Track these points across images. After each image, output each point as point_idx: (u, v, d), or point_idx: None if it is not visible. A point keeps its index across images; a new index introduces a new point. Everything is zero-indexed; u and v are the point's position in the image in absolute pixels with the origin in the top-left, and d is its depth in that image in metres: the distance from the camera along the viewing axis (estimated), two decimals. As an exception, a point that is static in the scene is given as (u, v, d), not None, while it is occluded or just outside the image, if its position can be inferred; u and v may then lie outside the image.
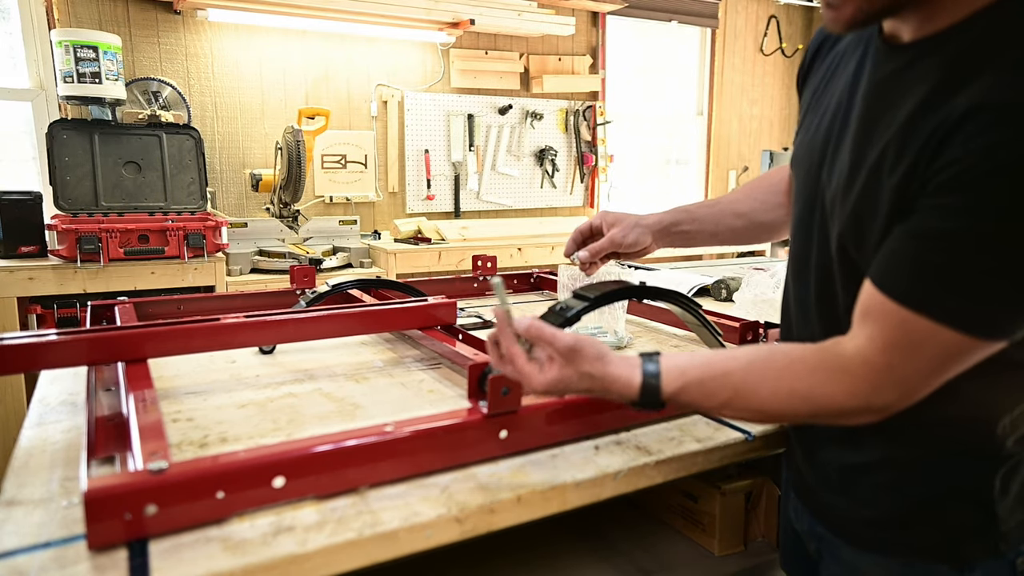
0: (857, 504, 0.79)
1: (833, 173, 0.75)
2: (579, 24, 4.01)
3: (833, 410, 0.69)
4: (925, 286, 0.62)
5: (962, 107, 0.59)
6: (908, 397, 0.66)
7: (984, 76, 0.59)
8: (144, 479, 0.64)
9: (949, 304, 0.60)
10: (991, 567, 0.73)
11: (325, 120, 3.20)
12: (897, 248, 0.64)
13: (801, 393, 0.69)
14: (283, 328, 1.13)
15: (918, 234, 0.62)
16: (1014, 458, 0.72)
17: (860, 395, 0.67)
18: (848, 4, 0.63)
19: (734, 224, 1.06)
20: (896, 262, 0.64)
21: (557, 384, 0.73)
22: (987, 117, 0.57)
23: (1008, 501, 0.72)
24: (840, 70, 0.80)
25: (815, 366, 0.70)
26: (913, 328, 0.62)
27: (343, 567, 0.67)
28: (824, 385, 0.68)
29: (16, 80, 2.89)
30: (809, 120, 0.84)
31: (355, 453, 0.75)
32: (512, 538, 1.00)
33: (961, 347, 0.62)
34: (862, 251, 0.70)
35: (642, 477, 0.87)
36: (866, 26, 0.67)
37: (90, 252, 2.45)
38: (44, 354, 0.96)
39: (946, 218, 0.59)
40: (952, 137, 0.59)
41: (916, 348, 0.63)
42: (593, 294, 0.97)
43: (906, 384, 0.65)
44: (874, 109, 0.70)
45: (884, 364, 0.65)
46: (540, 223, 3.84)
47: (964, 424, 0.71)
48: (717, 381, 0.73)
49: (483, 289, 1.83)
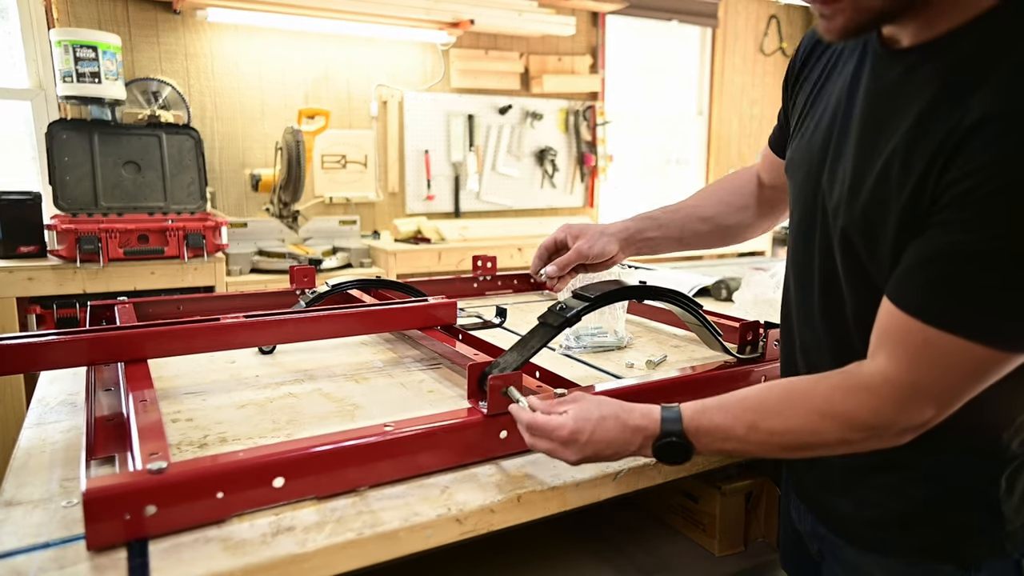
0: (859, 505, 0.79)
1: (835, 179, 0.75)
2: (579, 24, 4.01)
3: (859, 427, 0.67)
4: (947, 303, 0.61)
5: (970, 118, 0.58)
6: (944, 410, 0.65)
7: (988, 83, 0.58)
8: (144, 479, 0.64)
9: (974, 320, 0.60)
10: (996, 567, 0.73)
11: (325, 120, 3.20)
12: (914, 265, 0.63)
13: (823, 409, 0.68)
14: (283, 328, 1.13)
15: (936, 250, 0.61)
16: (1020, 458, 0.72)
17: (885, 414, 0.66)
18: (840, 15, 0.63)
19: (699, 228, 1.05)
20: (915, 280, 0.63)
21: (582, 457, 0.75)
22: (996, 127, 0.56)
23: (1014, 501, 0.72)
24: (836, 73, 0.80)
25: (836, 384, 0.69)
26: (939, 345, 0.62)
27: (343, 567, 0.67)
28: (845, 401, 0.68)
29: (15, 80, 2.89)
30: (806, 124, 0.84)
31: (355, 453, 0.74)
32: (512, 538, 1.00)
33: (991, 361, 0.61)
34: (874, 259, 0.70)
35: (642, 477, 0.87)
36: (859, 36, 0.67)
37: (90, 252, 2.45)
38: (44, 354, 0.96)
39: (963, 232, 0.59)
40: (961, 150, 0.58)
41: (944, 365, 0.62)
42: (593, 294, 0.97)
43: (939, 399, 0.64)
44: (876, 115, 0.70)
45: (909, 382, 0.64)
46: (540, 223, 3.84)
47: (971, 427, 0.71)
48: (738, 405, 0.73)
49: (483, 289, 1.83)
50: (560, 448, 0.74)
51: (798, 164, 0.83)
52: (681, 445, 0.72)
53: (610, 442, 0.73)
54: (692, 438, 0.72)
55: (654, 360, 1.24)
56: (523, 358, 0.91)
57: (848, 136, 0.73)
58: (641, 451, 0.74)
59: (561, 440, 0.74)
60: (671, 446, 0.73)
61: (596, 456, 0.74)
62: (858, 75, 0.74)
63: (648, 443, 0.73)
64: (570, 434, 0.73)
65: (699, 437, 0.72)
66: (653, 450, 0.74)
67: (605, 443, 0.73)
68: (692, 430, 0.72)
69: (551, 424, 0.75)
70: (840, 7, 0.62)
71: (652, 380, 0.99)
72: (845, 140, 0.74)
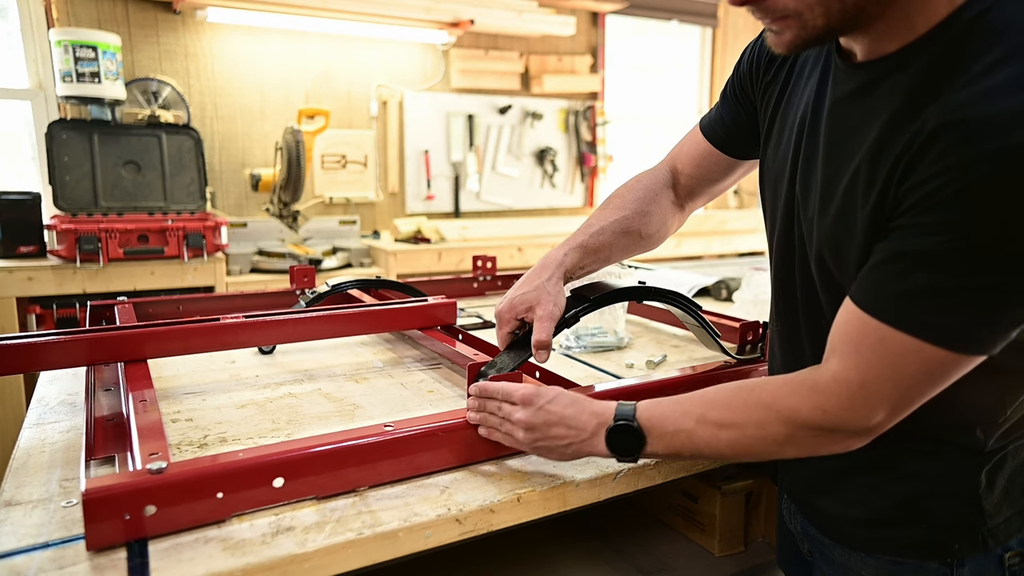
0: (846, 505, 0.80)
1: (809, 193, 0.76)
2: (579, 24, 4.01)
3: (803, 424, 0.68)
4: (902, 303, 0.62)
5: (929, 125, 0.59)
6: (897, 413, 0.66)
7: (946, 93, 0.59)
8: (143, 479, 0.64)
9: (929, 320, 0.61)
10: (980, 562, 0.74)
11: (325, 120, 3.19)
12: (874, 264, 0.64)
13: (767, 403, 0.69)
14: (283, 328, 1.13)
15: (895, 251, 0.62)
16: (998, 453, 0.73)
17: (830, 412, 0.66)
18: (787, 30, 0.64)
19: (626, 244, 1.03)
20: (874, 282, 0.64)
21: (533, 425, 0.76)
22: (954, 134, 0.57)
23: (994, 497, 0.73)
24: (800, 84, 0.81)
25: (786, 381, 0.71)
26: (892, 345, 0.62)
27: (343, 567, 0.67)
28: (790, 396, 0.69)
29: (15, 80, 2.89)
30: (775, 135, 0.85)
31: (355, 453, 0.74)
32: (512, 538, 1.00)
33: (944, 363, 0.62)
34: (843, 272, 0.71)
35: (642, 477, 0.87)
36: (807, 49, 0.68)
37: (89, 252, 2.45)
38: (44, 354, 0.96)
39: (921, 235, 0.60)
40: (922, 156, 0.59)
41: (896, 366, 0.63)
42: (592, 295, 0.97)
43: (890, 401, 0.65)
44: (841, 128, 0.71)
45: (858, 382, 0.65)
46: (540, 223, 3.83)
47: (946, 424, 0.72)
48: (691, 398, 0.75)
49: (483, 289, 1.83)
50: (513, 410, 0.77)
51: (775, 176, 0.84)
52: (633, 431, 0.74)
53: (564, 417, 0.76)
54: (644, 426, 0.74)
55: (654, 360, 1.24)
56: (521, 359, 0.91)
57: (816, 150, 0.75)
58: (594, 439, 0.76)
59: (520, 398, 0.77)
60: (623, 430, 0.74)
61: (546, 428, 0.76)
62: (822, 89, 0.75)
63: (601, 430, 0.75)
64: (528, 394, 0.76)
65: (652, 427, 0.74)
66: (606, 437, 0.75)
67: (559, 416, 0.76)
68: (645, 419, 0.75)
69: (508, 387, 0.78)
70: (788, 24, 0.64)
71: (652, 380, 0.99)
72: (814, 154, 0.75)
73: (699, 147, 1.02)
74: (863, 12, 0.62)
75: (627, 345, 1.36)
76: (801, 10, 0.62)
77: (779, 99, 0.85)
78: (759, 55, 0.89)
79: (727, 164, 1.00)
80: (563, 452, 0.78)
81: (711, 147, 1.00)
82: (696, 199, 1.07)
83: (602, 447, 0.76)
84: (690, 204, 1.08)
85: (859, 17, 0.63)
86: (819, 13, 0.61)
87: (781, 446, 0.70)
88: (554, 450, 0.78)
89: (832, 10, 0.61)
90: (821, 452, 0.70)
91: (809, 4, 0.61)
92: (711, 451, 0.73)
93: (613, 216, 1.02)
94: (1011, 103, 0.55)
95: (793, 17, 0.63)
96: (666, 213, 1.05)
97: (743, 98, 0.94)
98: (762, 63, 0.89)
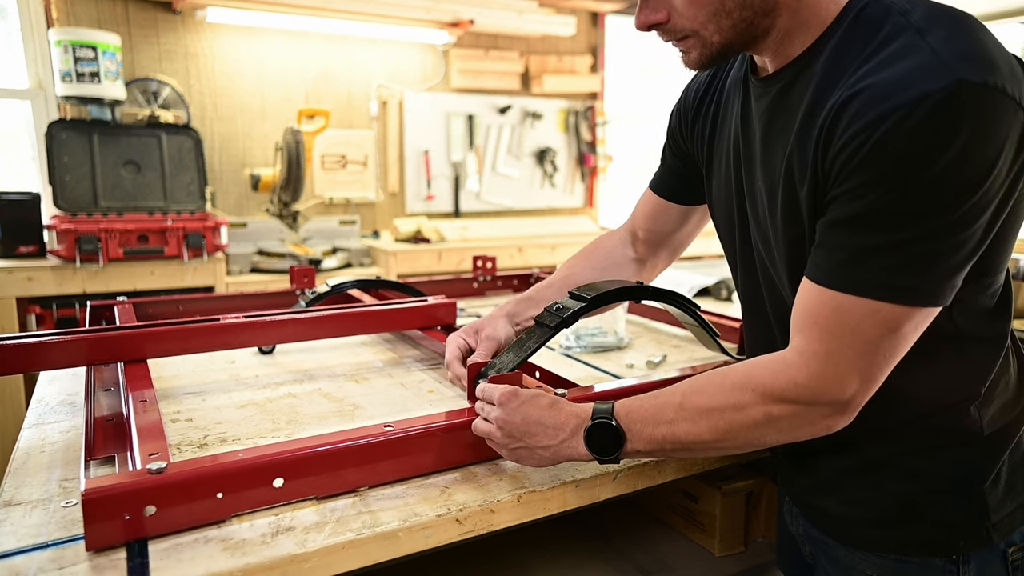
0: (849, 505, 0.80)
1: (755, 200, 0.79)
2: (579, 24, 4.01)
3: (778, 397, 0.68)
4: (851, 270, 0.64)
5: (838, 101, 0.64)
6: (869, 383, 0.66)
7: (848, 73, 0.65)
8: (143, 479, 0.64)
9: (879, 280, 0.63)
10: (984, 558, 0.74)
11: (325, 120, 3.19)
12: (820, 242, 0.67)
13: (741, 383, 0.70)
14: (283, 328, 1.13)
15: (833, 223, 0.65)
16: (998, 448, 0.74)
17: (803, 384, 0.67)
18: (692, 49, 0.73)
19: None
20: (821, 255, 0.67)
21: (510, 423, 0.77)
22: (856, 102, 0.62)
23: (998, 492, 0.74)
24: (727, 117, 0.86)
25: (755, 362, 0.72)
26: (849, 311, 0.64)
27: (343, 567, 0.67)
28: (763, 372, 0.70)
29: (15, 80, 2.89)
30: (715, 169, 0.90)
31: (354, 454, 0.74)
32: (512, 538, 1.00)
33: (900, 320, 0.63)
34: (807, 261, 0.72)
35: (642, 477, 0.87)
36: (715, 64, 0.75)
37: (89, 252, 2.45)
38: (43, 354, 0.96)
39: (849, 203, 0.63)
40: (835, 127, 0.64)
41: (857, 331, 0.64)
42: (590, 294, 0.97)
43: (859, 370, 0.65)
44: (768, 134, 0.76)
45: (824, 352, 0.66)
46: (540, 223, 3.83)
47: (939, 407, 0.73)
48: (668, 390, 0.75)
49: (483, 289, 1.83)
50: (491, 410, 0.78)
51: (724, 202, 0.88)
52: (611, 428, 0.74)
53: (541, 417, 0.76)
54: (623, 422, 0.74)
55: (654, 360, 1.24)
56: (520, 359, 0.91)
57: (753, 162, 0.79)
58: (573, 439, 0.75)
59: (498, 398, 0.78)
60: (601, 428, 0.74)
61: (524, 427, 0.76)
62: (746, 110, 0.81)
63: (580, 429, 0.75)
64: (506, 393, 0.78)
65: (631, 422, 0.74)
66: (585, 436, 0.74)
67: (536, 416, 0.76)
68: (623, 414, 0.74)
69: (490, 388, 0.80)
70: (691, 44, 0.73)
71: (652, 380, 0.99)
72: (752, 166, 0.80)
73: (651, 202, 1.08)
74: (753, 26, 0.70)
75: (627, 345, 1.36)
76: (697, 29, 0.71)
77: (710, 138, 0.91)
78: (683, 111, 0.98)
79: (679, 213, 1.06)
80: (541, 456, 0.76)
81: (661, 200, 1.06)
82: (658, 252, 1.12)
83: (582, 448, 0.74)
84: (652, 259, 1.12)
85: (751, 31, 0.70)
86: (713, 31, 0.70)
87: (762, 428, 0.70)
88: (533, 452, 0.76)
89: (724, 27, 0.70)
90: (804, 434, 0.70)
91: (703, 23, 0.70)
92: (693, 440, 0.72)
93: (564, 273, 1.10)
94: (899, 68, 0.61)
95: (692, 37, 0.72)
96: (624, 269, 1.11)
97: (679, 152, 1.01)
98: (688, 116, 0.96)
